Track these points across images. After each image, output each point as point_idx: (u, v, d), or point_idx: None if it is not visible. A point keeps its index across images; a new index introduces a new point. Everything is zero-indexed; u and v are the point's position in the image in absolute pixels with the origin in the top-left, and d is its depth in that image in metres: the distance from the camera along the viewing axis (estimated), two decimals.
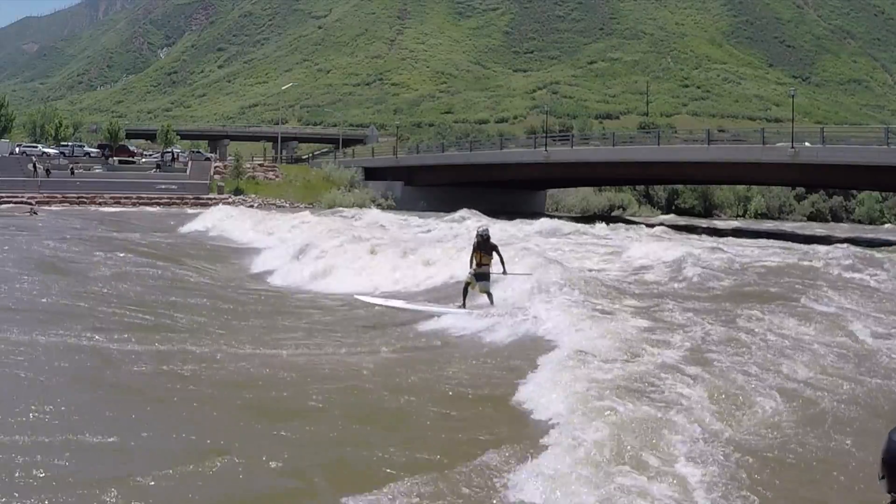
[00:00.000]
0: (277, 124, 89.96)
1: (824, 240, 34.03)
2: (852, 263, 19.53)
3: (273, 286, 16.15)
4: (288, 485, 5.70)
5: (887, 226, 65.23)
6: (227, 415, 7.21)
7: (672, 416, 6.81)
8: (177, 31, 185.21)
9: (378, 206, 54.48)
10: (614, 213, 66.10)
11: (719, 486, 5.45)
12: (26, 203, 47.56)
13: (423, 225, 33.70)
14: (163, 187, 56.95)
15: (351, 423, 7.04)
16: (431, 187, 60.21)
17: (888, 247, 29.25)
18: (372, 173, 65.80)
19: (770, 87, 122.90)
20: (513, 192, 60.55)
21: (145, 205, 51.61)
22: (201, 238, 28.60)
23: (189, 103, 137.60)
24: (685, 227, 41.24)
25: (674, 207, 73.11)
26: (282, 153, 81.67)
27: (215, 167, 64.42)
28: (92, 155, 66.89)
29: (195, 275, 17.00)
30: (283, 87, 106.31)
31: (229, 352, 9.40)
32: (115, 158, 65.10)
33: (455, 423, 7.18)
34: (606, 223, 38.17)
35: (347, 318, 12.54)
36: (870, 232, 48.97)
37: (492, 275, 12.60)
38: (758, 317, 11.60)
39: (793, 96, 48.02)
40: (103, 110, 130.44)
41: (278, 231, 25.56)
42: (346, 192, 60.62)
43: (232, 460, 5.94)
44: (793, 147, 38.01)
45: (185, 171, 61.90)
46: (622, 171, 50.57)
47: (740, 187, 72.70)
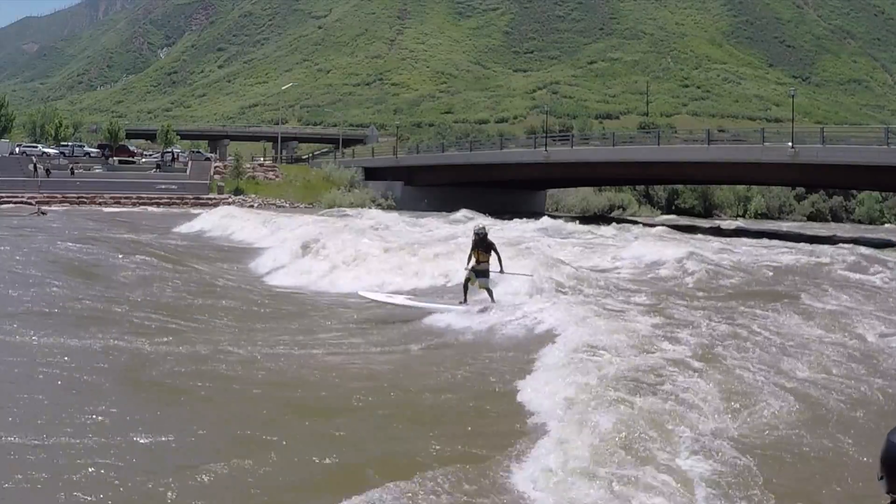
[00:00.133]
0: (277, 124, 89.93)
1: (828, 240, 34.02)
2: (858, 263, 19.57)
3: (289, 286, 16.35)
4: (338, 475, 5.85)
5: (887, 226, 65.25)
6: (273, 412, 7.38)
7: (675, 412, 6.86)
8: (177, 31, 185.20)
9: (378, 206, 54.50)
10: (614, 213, 66.13)
11: (721, 483, 5.48)
12: (26, 203, 47.52)
13: (425, 225, 33.81)
14: (163, 187, 56.91)
15: (391, 421, 7.15)
16: (431, 187, 60.19)
17: (893, 248, 29.26)
18: (372, 173, 65.80)
19: (770, 87, 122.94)
20: (513, 192, 60.54)
21: (145, 205, 51.53)
22: (212, 239, 28.79)
23: (189, 103, 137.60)
24: (687, 228, 41.23)
25: (674, 207, 73.16)
26: (282, 153, 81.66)
27: (215, 167, 64.40)
28: (92, 155, 66.86)
29: (217, 277, 17.28)
30: (283, 87, 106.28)
31: (265, 352, 9.61)
32: (115, 158, 65.09)
33: (481, 416, 7.35)
34: (615, 223, 38.60)
35: (366, 317, 12.78)
36: (871, 232, 48.99)
37: (492, 273, 12.62)
38: (764, 315, 11.63)
39: (793, 96, 47.98)
40: (103, 110, 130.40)
41: (285, 231, 25.62)
42: (346, 192, 60.65)
43: (283, 454, 6.13)
44: (793, 147, 37.98)
45: (185, 171, 61.88)
46: (622, 171, 50.54)
47: (740, 187, 72.70)
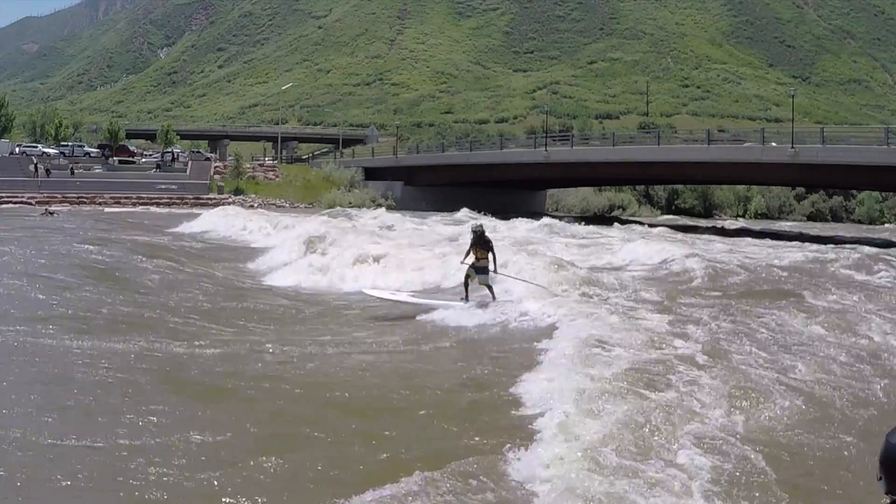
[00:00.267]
0: (277, 124, 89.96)
1: (831, 240, 34.04)
2: (863, 263, 19.58)
3: (304, 287, 16.36)
4: (385, 470, 5.90)
5: (888, 226, 65.27)
6: (316, 411, 7.45)
7: (680, 407, 6.88)
8: (177, 31, 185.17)
9: (378, 205, 54.48)
10: (614, 213, 66.17)
11: (722, 478, 5.50)
12: (26, 203, 47.52)
13: (426, 224, 33.87)
14: (163, 187, 56.91)
15: (433, 420, 7.20)
16: (431, 187, 60.20)
17: None
18: (372, 173, 65.81)
19: (770, 87, 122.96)
20: (513, 192, 60.55)
21: (146, 205, 51.44)
22: (218, 239, 28.86)
23: (189, 103, 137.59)
24: (689, 228, 41.28)
25: (674, 207, 73.19)
26: (282, 153, 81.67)
27: (215, 167, 64.43)
28: (92, 155, 66.87)
29: (244, 279, 17.42)
30: (283, 87, 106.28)
31: (301, 352, 9.70)
32: (115, 158, 65.11)
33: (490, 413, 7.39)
34: (618, 223, 38.52)
35: (384, 315, 12.90)
36: (873, 232, 49.04)
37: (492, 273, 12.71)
38: (769, 314, 11.67)
39: (793, 96, 48.01)
40: (103, 110, 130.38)
41: (291, 231, 25.66)
42: (346, 192, 60.68)
43: (332, 450, 6.28)
44: (793, 147, 37.99)
45: (185, 171, 61.89)
46: (622, 171, 50.54)
47: (740, 187, 72.73)
